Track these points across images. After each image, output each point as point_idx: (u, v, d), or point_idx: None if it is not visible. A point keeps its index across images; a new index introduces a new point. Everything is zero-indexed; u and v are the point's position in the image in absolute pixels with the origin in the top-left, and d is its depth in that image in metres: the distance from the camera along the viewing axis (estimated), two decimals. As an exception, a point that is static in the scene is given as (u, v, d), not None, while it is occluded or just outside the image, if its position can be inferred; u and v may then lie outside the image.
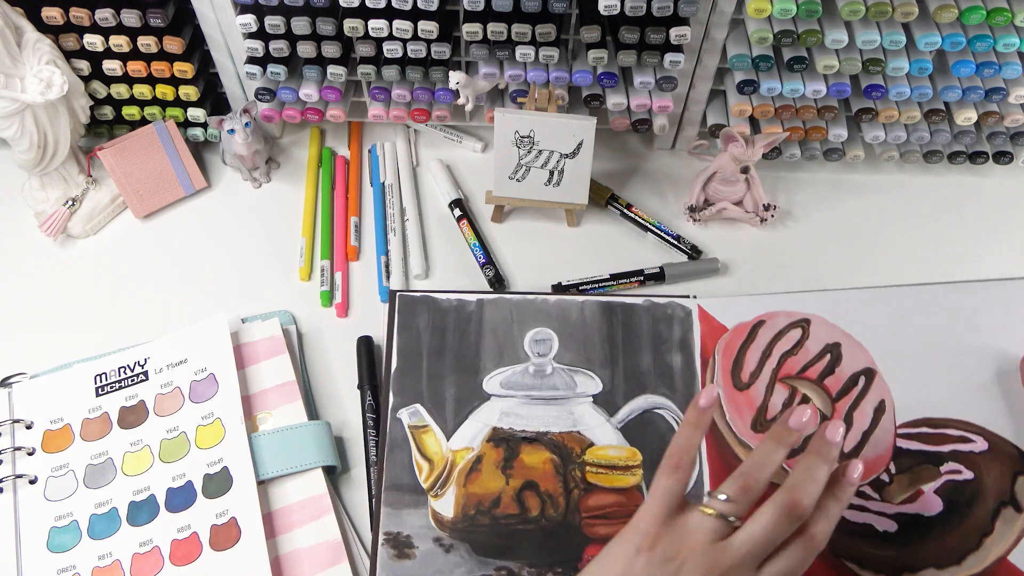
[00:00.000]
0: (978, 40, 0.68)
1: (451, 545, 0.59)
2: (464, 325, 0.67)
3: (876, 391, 0.62)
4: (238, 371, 0.66)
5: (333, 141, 0.85)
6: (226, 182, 0.82)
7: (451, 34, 0.72)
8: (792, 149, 0.80)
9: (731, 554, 0.46)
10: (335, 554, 0.60)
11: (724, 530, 0.47)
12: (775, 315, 0.65)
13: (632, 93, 0.76)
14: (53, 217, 0.76)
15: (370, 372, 0.69)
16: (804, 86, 0.72)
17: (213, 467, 0.62)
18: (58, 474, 0.63)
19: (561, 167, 0.73)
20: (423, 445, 0.63)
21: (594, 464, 0.62)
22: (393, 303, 0.67)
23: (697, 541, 0.47)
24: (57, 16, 0.69)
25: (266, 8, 0.69)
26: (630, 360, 0.65)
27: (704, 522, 0.47)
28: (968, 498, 0.58)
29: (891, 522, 0.58)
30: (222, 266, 0.76)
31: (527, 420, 0.63)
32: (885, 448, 0.60)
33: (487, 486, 0.61)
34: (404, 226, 0.78)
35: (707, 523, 0.47)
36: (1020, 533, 0.57)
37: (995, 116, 0.76)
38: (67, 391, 0.66)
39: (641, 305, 0.67)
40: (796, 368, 0.63)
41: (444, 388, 0.65)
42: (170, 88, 0.76)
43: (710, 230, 0.79)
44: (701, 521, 0.48)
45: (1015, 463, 0.58)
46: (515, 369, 0.65)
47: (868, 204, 0.81)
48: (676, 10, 0.66)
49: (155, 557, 0.60)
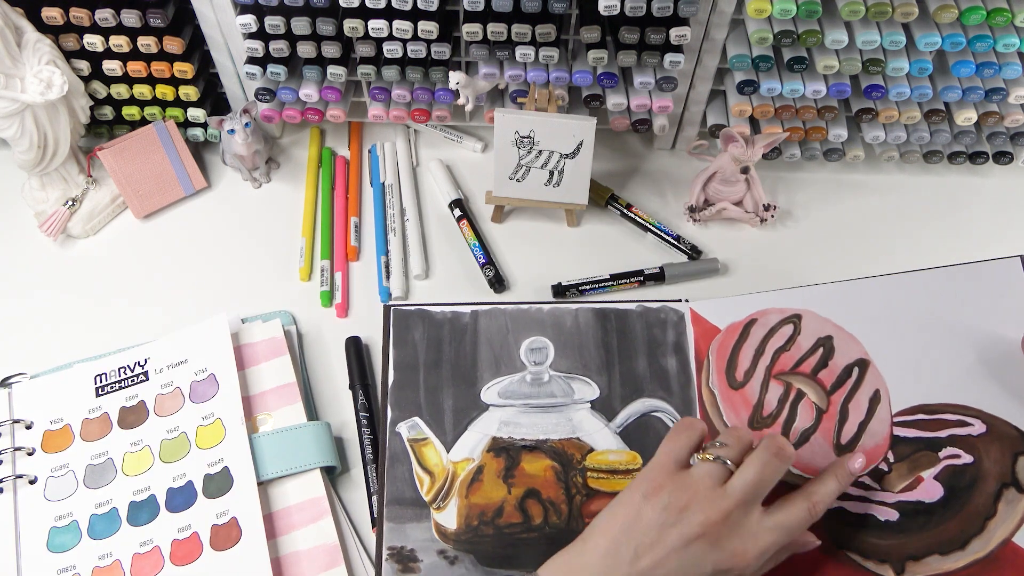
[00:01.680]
0: (978, 40, 0.68)
1: (455, 557, 0.59)
2: (459, 336, 0.67)
3: (870, 381, 0.62)
4: (238, 372, 0.66)
5: (333, 141, 0.85)
6: (226, 182, 0.82)
7: (451, 34, 0.72)
8: (792, 149, 0.80)
9: (730, 496, 0.50)
10: (332, 557, 0.60)
11: (722, 474, 0.51)
12: (766, 313, 0.65)
13: (632, 93, 0.76)
14: (53, 217, 0.76)
15: (360, 371, 0.69)
16: (804, 86, 0.72)
17: (214, 467, 0.63)
18: (58, 474, 0.63)
19: (561, 167, 0.73)
20: (423, 458, 0.63)
21: (595, 469, 0.62)
22: (388, 317, 0.67)
23: (700, 487, 0.50)
24: (57, 16, 0.69)
25: (266, 8, 0.69)
26: (626, 365, 0.65)
27: (703, 467, 0.51)
28: (969, 482, 0.58)
29: (892, 511, 0.58)
30: (222, 266, 0.76)
31: (526, 428, 0.63)
32: (882, 437, 0.60)
33: (489, 496, 0.61)
34: (404, 226, 0.78)
35: (706, 467, 0.51)
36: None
37: (995, 116, 0.76)
38: (67, 391, 0.67)
39: (634, 310, 0.67)
40: (790, 364, 0.63)
41: (442, 400, 0.65)
42: (170, 88, 0.77)
43: (710, 230, 0.79)
44: (700, 467, 0.51)
45: (1015, 443, 0.58)
46: (512, 378, 0.65)
47: (868, 204, 0.81)
48: (676, 10, 0.66)
49: (155, 557, 0.60)
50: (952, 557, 0.56)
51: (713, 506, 0.49)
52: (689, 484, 0.50)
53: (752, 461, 0.51)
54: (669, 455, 0.53)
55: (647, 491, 0.51)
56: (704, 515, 0.49)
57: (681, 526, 0.49)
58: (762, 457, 0.51)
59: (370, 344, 0.71)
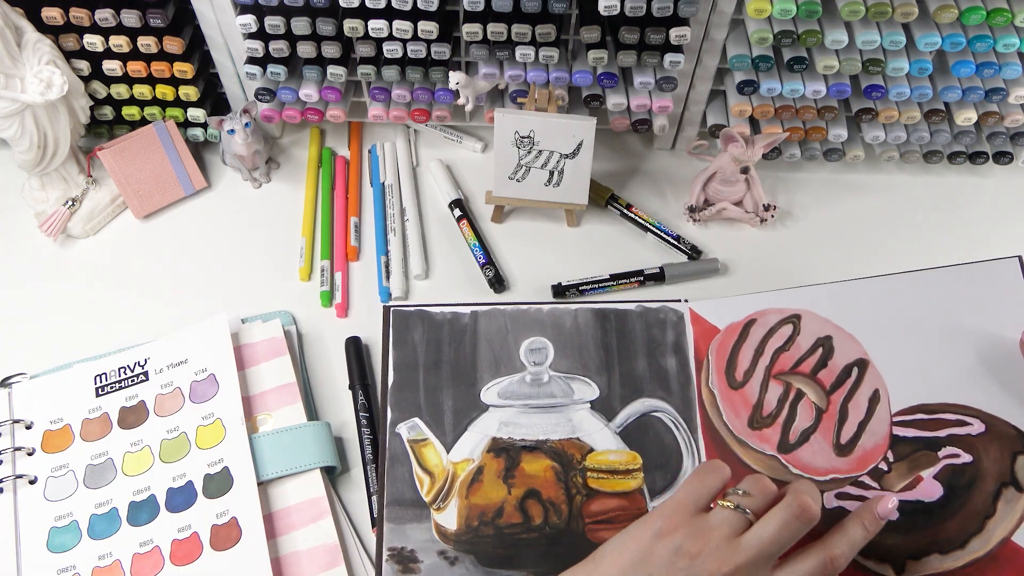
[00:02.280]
0: (978, 40, 0.68)
1: (456, 557, 0.59)
2: (459, 337, 0.67)
3: (870, 381, 0.62)
4: (238, 372, 0.66)
5: (333, 141, 0.85)
6: (226, 182, 0.82)
7: (451, 34, 0.72)
8: (792, 149, 0.80)
9: (743, 550, 0.48)
10: (332, 557, 0.60)
11: (741, 524, 0.49)
12: (766, 313, 0.66)
13: (632, 93, 0.76)
14: (53, 217, 0.76)
15: (360, 371, 0.69)
16: (804, 86, 0.72)
17: (214, 467, 0.63)
18: (58, 474, 0.63)
19: (561, 167, 0.73)
20: (423, 458, 0.63)
21: (595, 469, 0.62)
22: (387, 318, 0.67)
23: (715, 535, 0.49)
24: (57, 16, 0.69)
25: (266, 8, 0.69)
26: (625, 365, 0.65)
27: (721, 514, 0.49)
28: (968, 481, 0.58)
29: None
30: (222, 266, 0.76)
31: (526, 429, 0.64)
32: (882, 437, 0.60)
33: (489, 496, 0.61)
34: (404, 226, 0.78)
35: (724, 515, 0.49)
36: (1023, 513, 0.57)
37: (995, 116, 0.76)
38: (67, 391, 0.67)
39: (634, 311, 0.67)
40: (789, 364, 0.64)
41: (442, 401, 0.65)
42: (170, 88, 0.77)
43: (710, 230, 0.79)
44: (719, 514, 0.50)
45: (1014, 443, 0.58)
46: (512, 379, 0.65)
47: (868, 204, 0.81)
48: (676, 10, 0.66)
49: (155, 557, 0.60)
50: (952, 556, 0.56)
51: (725, 559, 0.48)
52: (704, 531, 0.49)
53: (772, 518, 0.49)
54: (689, 496, 0.51)
55: (662, 530, 0.49)
56: (715, 566, 0.48)
57: (690, 572, 0.48)
58: (783, 516, 0.49)
59: (370, 344, 0.72)
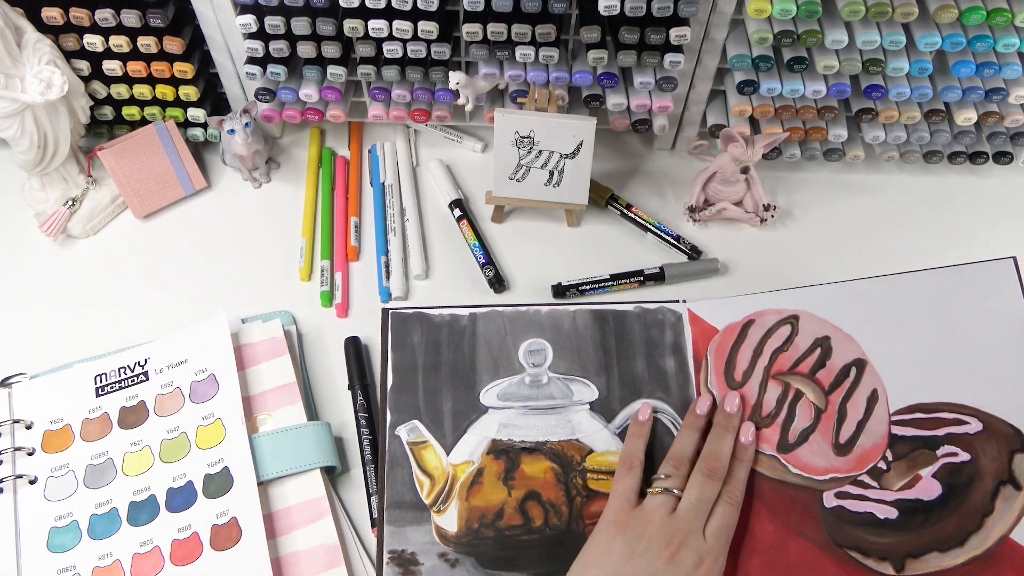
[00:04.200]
0: (978, 40, 0.68)
1: (456, 560, 0.59)
2: (458, 339, 0.67)
3: (868, 381, 0.62)
4: (238, 372, 0.66)
5: (333, 141, 0.85)
6: (226, 182, 0.82)
7: (451, 34, 0.72)
8: (792, 149, 0.80)
9: (682, 520, 0.56)
10: (332, 557, 0.60)
11: (672, 502, 0.57)
12: (764, 313, 0.66)
13: (632, 93, 0.76)
14: (53, 217, 0.76)
15: (359, 372, 0.69)
16: (804, 86, 0.72)
17: (214, 467, 0.63)
18: (58, 474, 0.63)
19: (561, 167, 0.73)
20: (423, 461, 0.63)
21: (595, 471, 0.62)
22: (386, 321, 0.67)
23: (656, 516, 0.57)
24: (57, 16, 0.69)
25: (266, 8, 0.69)
26: (624, 366, 0.65)
27: (654, 500, 0.58)
28: (966, 480, 0.59)
29: (891, 509, 0.59)
30: (222, 266, 0.76)
31: (526, 430, 0.63)
32: (880, 436, 0.61)
33: (489, 498, 0.61)
34: (404, 226, 0.78)
35: (657, 500, 0.58)
36: (1021, 511, 0.57)
37: (995, 116, 0.76)
38: (67, 391, 0.67)
39: (632, 312, 0.67)
40: (788, 364, 0.64)
41: (441, 403, 0.65)
42: (170, 88, 0.77)
43: (710, 230, 0.79)
44: (651, 501, 0.58)
45: (1011, 441, 0.59)
46: (511, 380, 0.65)
47: (868, 204, 0.81)
48: (676, 10, 0.66)
49: (155, 557, 0.60)
50: (951, 554, 0.57)
51: (671, 531, 0.56)
52: (646, 517, 0.57)
53: (692, 486, 0.58)
54: (623, 495, 0.58)
55: (613, 533, 0.56)
56: (665, 539, 0.55)
57: (648, 555, 0.55)
58: (699, 480, 0.58)
59: (370, 344, 0.72)
